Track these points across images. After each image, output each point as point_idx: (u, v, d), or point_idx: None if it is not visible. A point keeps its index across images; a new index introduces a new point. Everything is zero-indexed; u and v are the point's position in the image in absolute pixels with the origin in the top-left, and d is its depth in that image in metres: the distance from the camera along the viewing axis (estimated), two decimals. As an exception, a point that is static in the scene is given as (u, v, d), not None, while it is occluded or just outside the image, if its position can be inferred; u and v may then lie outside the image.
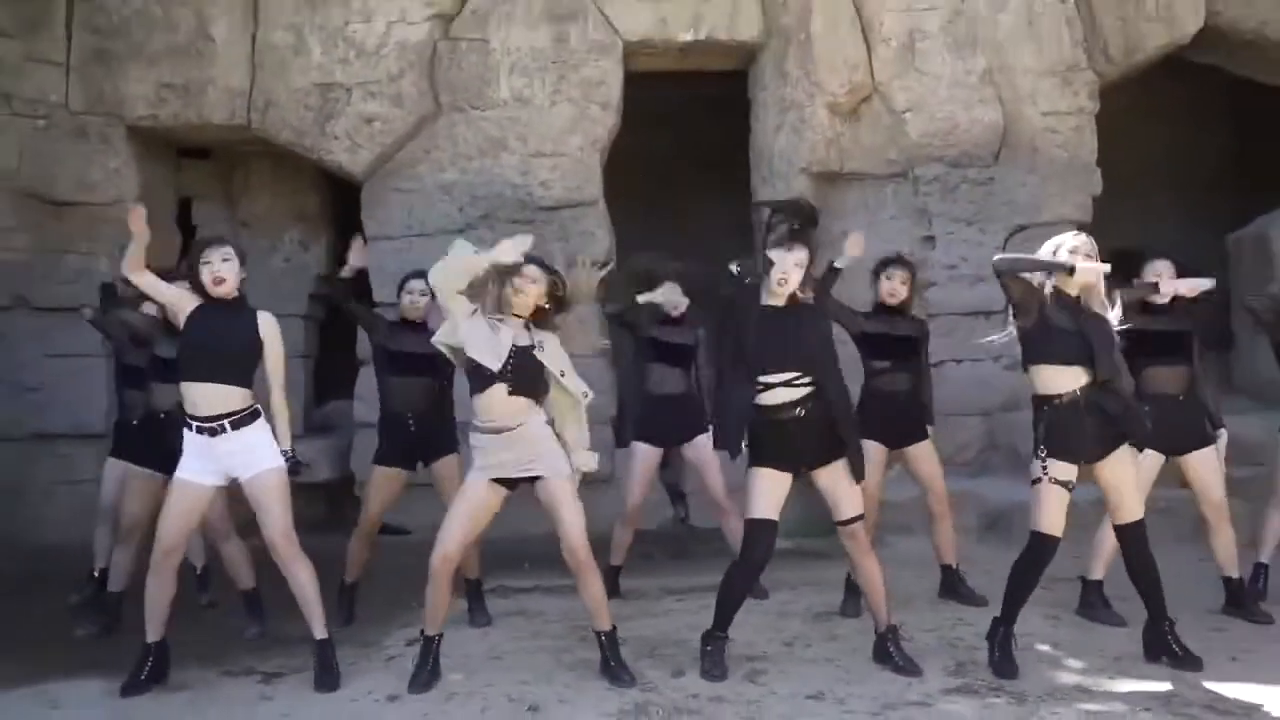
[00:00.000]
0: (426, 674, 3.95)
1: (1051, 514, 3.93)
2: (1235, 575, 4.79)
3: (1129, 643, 4.23)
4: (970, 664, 4.03)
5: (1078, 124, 7.57)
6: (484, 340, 3.85)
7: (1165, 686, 3.71)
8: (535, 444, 3.91)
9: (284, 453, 4.10)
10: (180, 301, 4.12)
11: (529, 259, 3.95)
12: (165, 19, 7.44)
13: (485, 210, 7.54)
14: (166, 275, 4.42)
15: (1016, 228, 7.51)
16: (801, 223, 4.07)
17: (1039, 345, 4.01)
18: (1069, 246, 4.03)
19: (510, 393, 3.87)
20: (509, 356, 3.86)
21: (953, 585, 5.16)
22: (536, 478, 3.92)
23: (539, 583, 5.57)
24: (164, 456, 4.52)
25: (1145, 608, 4.08)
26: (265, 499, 4.03)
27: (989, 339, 4.35)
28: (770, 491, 3.93)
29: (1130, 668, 3.98)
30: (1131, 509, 4.04)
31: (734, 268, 4.33)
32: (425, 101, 7.55)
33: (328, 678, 4.00)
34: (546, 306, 4.01)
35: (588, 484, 4.15)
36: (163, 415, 4.97)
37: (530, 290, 3.93)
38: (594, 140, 7.60)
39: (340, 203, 8.64)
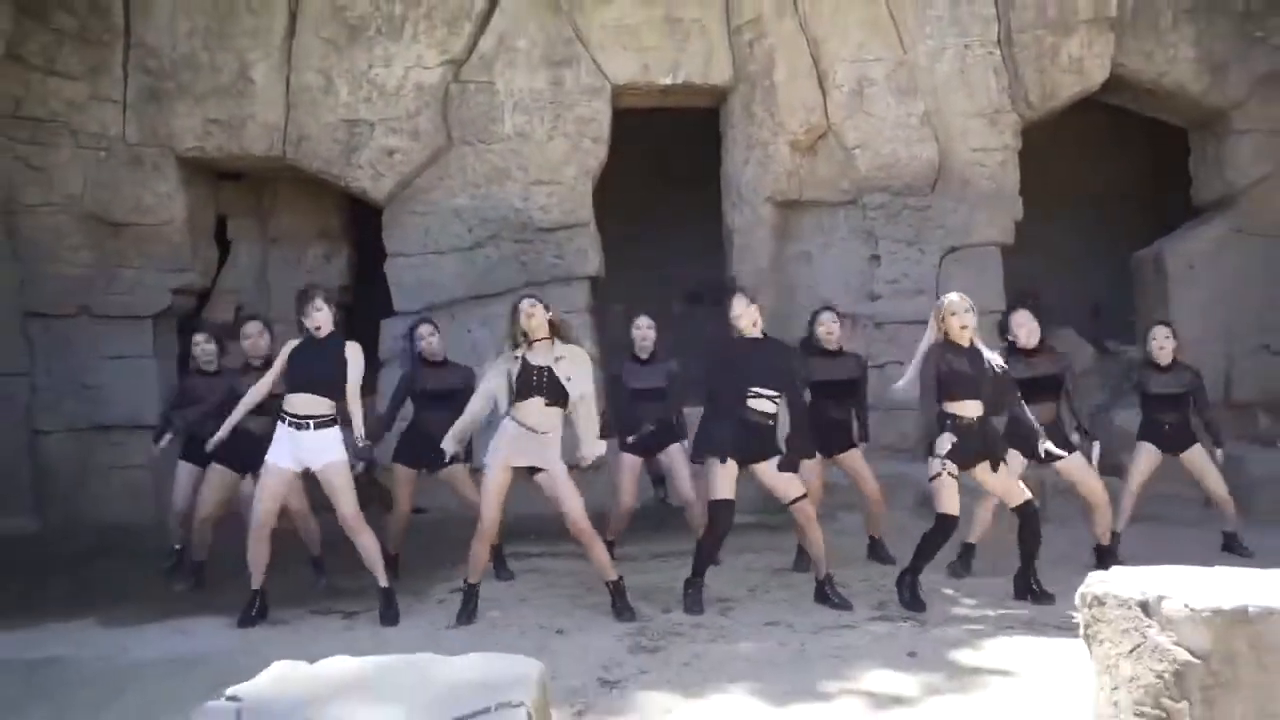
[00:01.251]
0: (469, 611, 5.11)
1: (952, 499, 5.15)
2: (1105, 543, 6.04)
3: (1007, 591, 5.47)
4: (890, 603, 5.25)
5: (1003, 159, 8.76)
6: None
7: (1027, 614, 4.93)
8: (551, 445, 5.08)
9: (359, 440, 5.22)
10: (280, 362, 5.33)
11: (523, 296, 5.27)
12: (210, 63, 8.46)
13: (492, 231, 8.65)
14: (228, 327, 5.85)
15: (950, 248, 8.71)
16: None
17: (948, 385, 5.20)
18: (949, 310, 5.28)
19: (547, 404, 5.02)
20: (542, 376, 5.03)
21: (876, 550, 6.44)
22: (540, 470, 5.09)
23: (546, 549, 6.72)
24: (240, 458, 5.86)
25: (1021, 559, 5.30)
26: (336, 483, 5.17)
27: (896, 386, 5.54)
28: (729, 477, 5.15)
29: (1004, 604, 5.21)
30: (1017, 495, 5.27)
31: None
32: (439, 136, 8.64)
33: (390, 614, 5.15)
34: (555, 323, 5.16)
35: (586, 469, 5.34)
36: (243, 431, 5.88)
37: (536, 316, 5.09)
38: (586, 170, 8.73)
39: (358, 220, 9.71)
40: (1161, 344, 6.63)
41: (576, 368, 5.17)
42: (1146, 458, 6.68)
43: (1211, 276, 8.88)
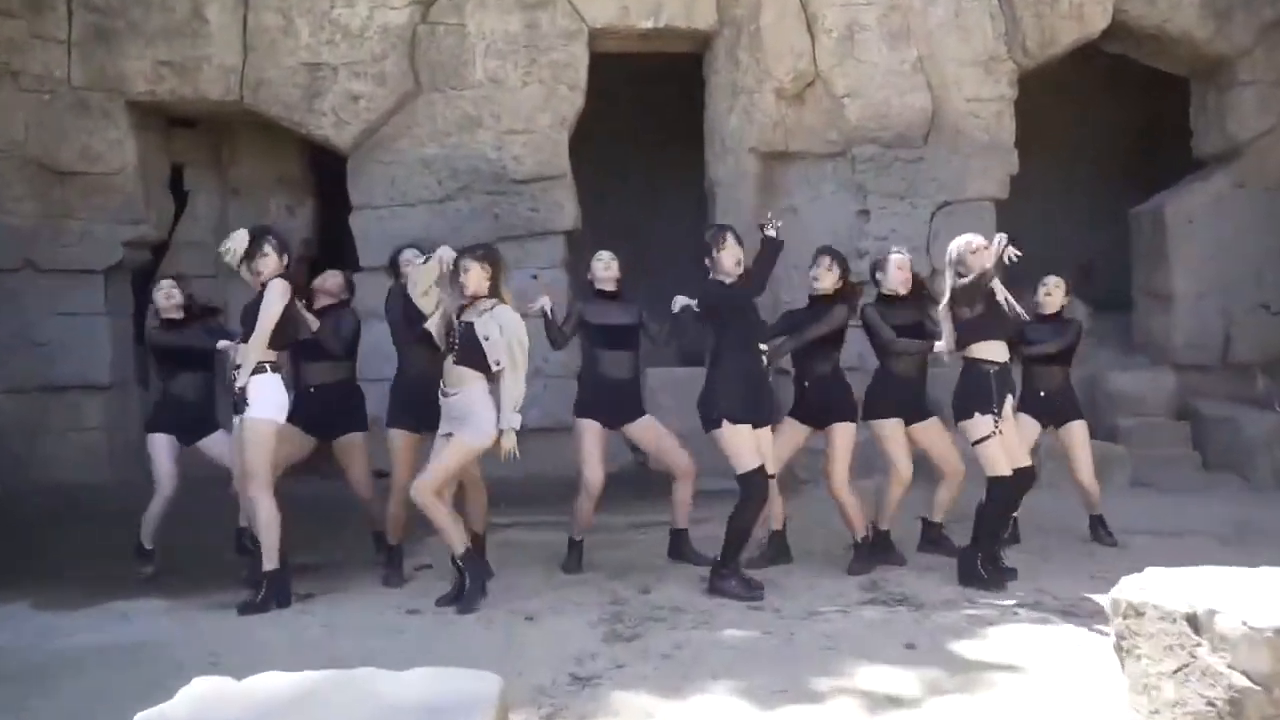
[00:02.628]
0: (480, 588, 4.71)
1: (1004, 458, 4.81)
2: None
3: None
4: (882, 582, 4.94)
5: (998, 109, 8.37)
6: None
7: (1031, 598, 4.63)
8: (466, 407, 4.66)
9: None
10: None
11: (462, 250, 4.77)
12: (161, 1, 7.93)
13: (463, 183, 8.20)
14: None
15: (942, 203, 8.34)
16: None
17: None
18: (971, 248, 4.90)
19: (456, 363, 4.65)
20: (458, 333, 4.64)
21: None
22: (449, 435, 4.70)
23: (518, 519, 6.36)
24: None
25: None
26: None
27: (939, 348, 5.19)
28: (752, 441, 4.76)
29: (1013, 586, 4.90)
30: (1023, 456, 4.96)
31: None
32: (406, 81, 8.17)
33: (252, 605, 4.72)
34: (490, 283, 4.72)
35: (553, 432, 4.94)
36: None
37: (468, 279, 4.67)
38: (562, 118, 8.27)
39: (321, 169, 9.20)
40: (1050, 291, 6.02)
41: (495, 328, 4.65)
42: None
43: (1211, 232, 8.57)
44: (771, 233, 4.98)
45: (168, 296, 5.69)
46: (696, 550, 5.48)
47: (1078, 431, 5.88)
